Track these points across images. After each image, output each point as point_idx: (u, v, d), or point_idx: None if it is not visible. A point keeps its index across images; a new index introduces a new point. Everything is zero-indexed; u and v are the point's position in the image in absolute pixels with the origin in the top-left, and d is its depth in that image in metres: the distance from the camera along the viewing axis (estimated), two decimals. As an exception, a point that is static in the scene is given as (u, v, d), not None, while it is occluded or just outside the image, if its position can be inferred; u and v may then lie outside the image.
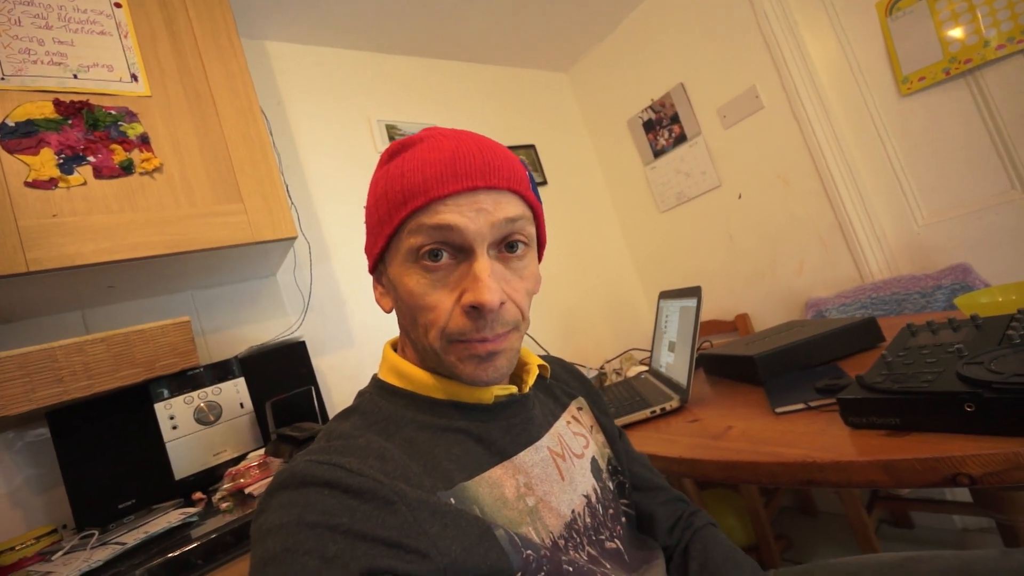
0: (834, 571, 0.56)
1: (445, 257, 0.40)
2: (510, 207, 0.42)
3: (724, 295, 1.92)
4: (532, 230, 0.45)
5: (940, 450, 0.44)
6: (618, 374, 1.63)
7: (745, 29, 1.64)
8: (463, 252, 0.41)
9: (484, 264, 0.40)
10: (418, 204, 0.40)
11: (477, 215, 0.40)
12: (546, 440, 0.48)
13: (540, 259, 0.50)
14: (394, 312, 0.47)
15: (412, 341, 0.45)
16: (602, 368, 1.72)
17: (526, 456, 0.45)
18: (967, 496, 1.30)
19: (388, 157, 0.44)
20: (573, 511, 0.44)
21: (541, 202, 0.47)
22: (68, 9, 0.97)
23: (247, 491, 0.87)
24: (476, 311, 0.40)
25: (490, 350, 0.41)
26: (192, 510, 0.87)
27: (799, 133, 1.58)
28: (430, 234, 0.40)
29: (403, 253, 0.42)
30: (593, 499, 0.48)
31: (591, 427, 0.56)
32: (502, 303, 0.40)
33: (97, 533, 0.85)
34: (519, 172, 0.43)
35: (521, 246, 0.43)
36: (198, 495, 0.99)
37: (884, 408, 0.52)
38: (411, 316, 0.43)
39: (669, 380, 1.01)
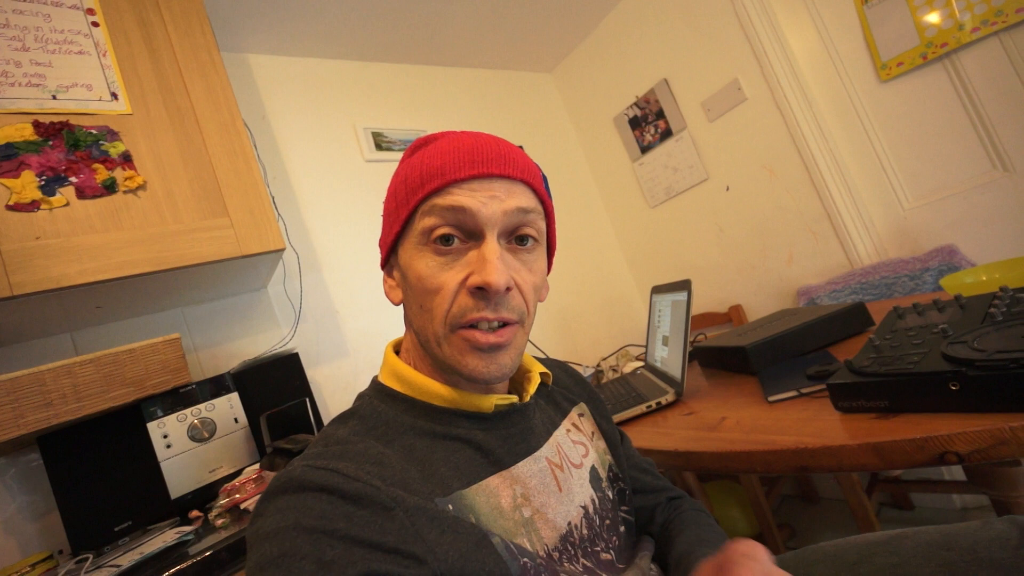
0: (825, 554, 0.56)
1: (456, 242, 0.42)
2: (523, 198, 0.43)
3: (717, 288, 1.93)
4: (543, 226, 0.46)
5: (928, 430, 0.44)
6: (615, 371, 1.63)
7: (725, 22, 1.65)
8: (474, 237, 0.42)
9: (493, 247, 0.41)
10: (435, 186, 0.41)
11: (490, 200, 0.41)
12: (545, 450, 0.47)
13: (550, 265, 0.50)
14: (391, 314, 0.47)
15: (416, 332, 0.45)
16: (599, 366, 1.72)
17: (524, 467, 0.44)
18: (964, 475, 1.31)
19: (410, 152, 0.47)
20: (569, 523, 0.44)
21: (552, 200, 0.49)
22: (45, 30, 0.96)
23: (243, 506, 0.86)
24: (482, 292, 0.40)
25: (492, 342, 0.41)
26: (188, 528, 0.86)
27: (783, 123, 1.59)
28: (443, 215, 0.41)
29: (416, 235, 0.43)
30: (591, 510, 0.47)
31: (592, 434, 0.56)
32: (508, 288, 0.41)
33: (92, 557, 0.84)
34: (532, 168, 0.46)
35: (531, 240, 0.44)
36: (195, 513, 0.98)
37: (872, 391, 0.52)
38: (418, 302, 0.43)
39: (664, 374, 1.01)
